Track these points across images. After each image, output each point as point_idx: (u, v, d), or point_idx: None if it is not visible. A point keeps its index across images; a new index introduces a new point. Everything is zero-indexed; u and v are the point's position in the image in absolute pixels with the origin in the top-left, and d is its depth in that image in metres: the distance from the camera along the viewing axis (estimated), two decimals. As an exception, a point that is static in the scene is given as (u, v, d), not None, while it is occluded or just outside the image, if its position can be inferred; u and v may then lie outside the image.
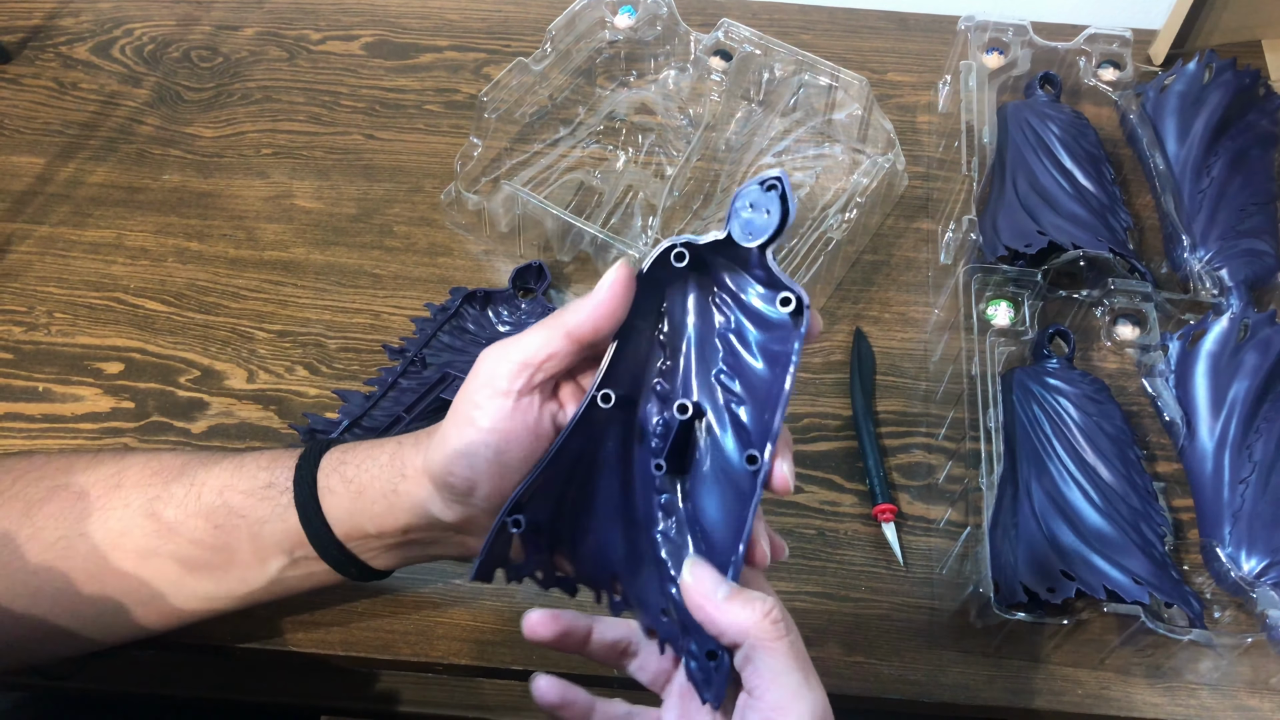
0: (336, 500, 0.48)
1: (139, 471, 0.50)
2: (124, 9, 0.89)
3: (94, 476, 0.50)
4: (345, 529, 0.49)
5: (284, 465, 0.49)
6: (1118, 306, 0.66)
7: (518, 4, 0.90)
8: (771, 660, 0.39)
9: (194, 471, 0.50)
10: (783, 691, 0.38)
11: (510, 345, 0.44)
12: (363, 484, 0.48)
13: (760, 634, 0.39)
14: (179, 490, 0.49)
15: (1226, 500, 0.61)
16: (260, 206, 0.76)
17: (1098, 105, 0.80)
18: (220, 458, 0.51)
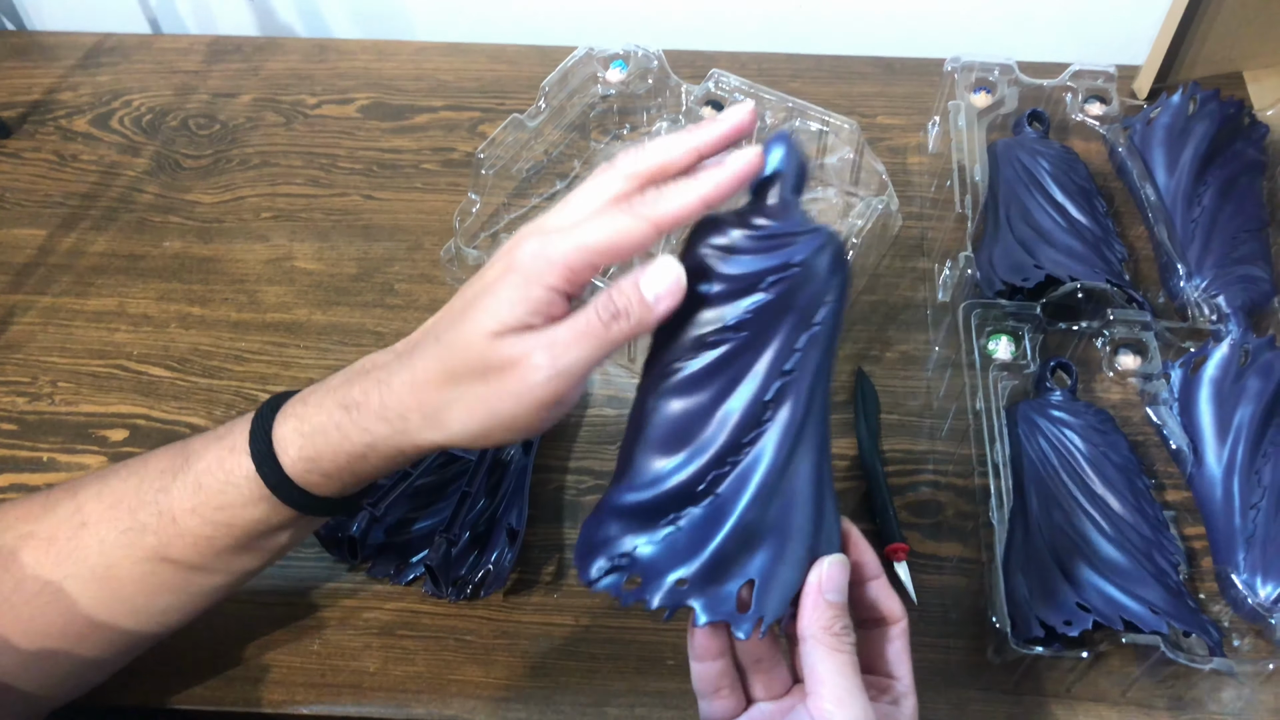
0: (326, 486, 0.48)
1: (95, 505, 0.49)
2: (122, 81, 0.90)
3: (55, 520, 0.49)
4: (347, 491, 0.49)
5: (247, 477, 0.47)
6: (1118, 337, 0.67)
7: (510, 63, 0.91)
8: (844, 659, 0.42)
9: (153, 499, 0.48)
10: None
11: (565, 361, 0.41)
12: (352, 471, 0.47)
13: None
14: (148, 519, 0.48)
15: (1238, 526, 0.60)
16: (261, 269, 0.77)
17: (1086, 140, 0.81)
18: (170, 475, 0.48)
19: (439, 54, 0.92)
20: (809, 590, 0.43)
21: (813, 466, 0.43)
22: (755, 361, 0.42)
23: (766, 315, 0.42)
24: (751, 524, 0.42)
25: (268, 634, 0.59)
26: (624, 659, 0.59)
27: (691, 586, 0.42)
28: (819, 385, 0.43)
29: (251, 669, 0.58)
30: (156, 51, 0.92)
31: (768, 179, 0.42)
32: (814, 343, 0.42)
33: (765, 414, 0.42)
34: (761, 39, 0.96)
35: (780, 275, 0.41)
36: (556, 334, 0.41)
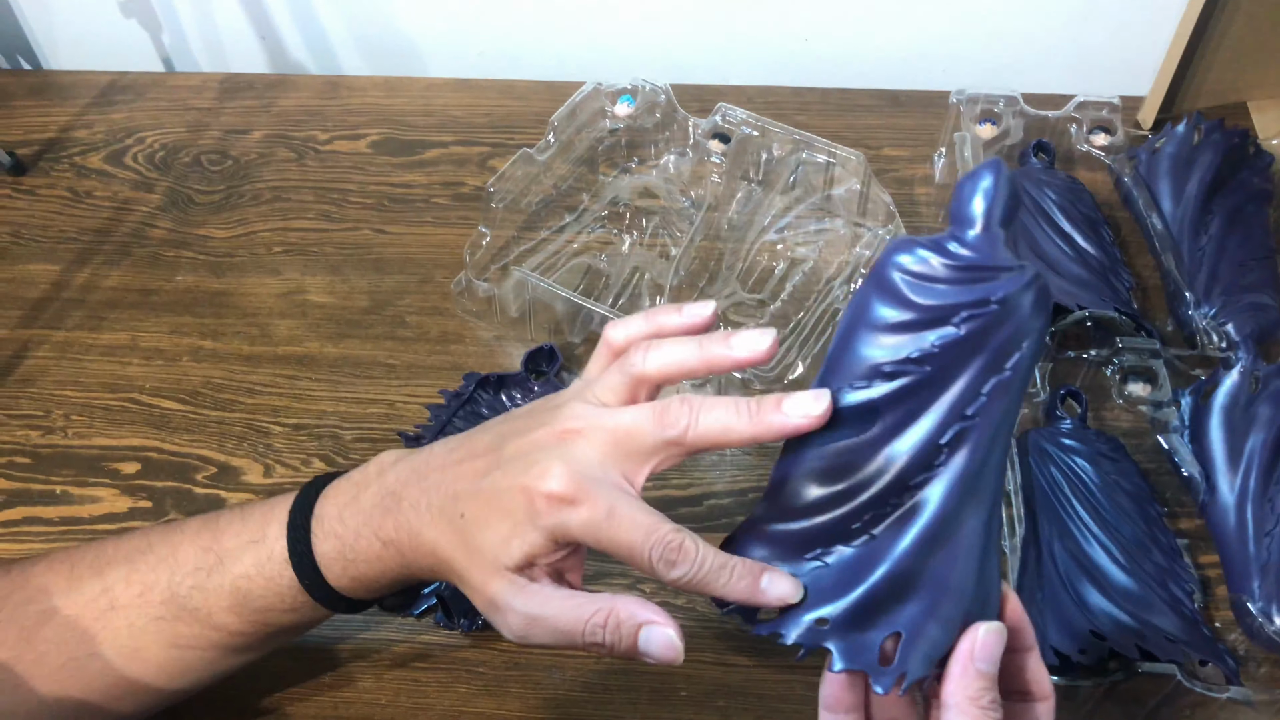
0: (370, 593, 0.50)
1: (124, 591, 0.49)
2: (135, 119, 0.91)
3: (82, 599, 0.50)
4: (372, 595, 0.50)
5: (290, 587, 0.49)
6: (1127, 365, 0.67)
7: (519, 98, 0.92)
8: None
9: (186, 595, 0.49)
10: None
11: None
12: (393, 579, 0.49)
13: None
14: (182, 614, 0.49)
15: (1253, 554, 0.60)
16: (273, 303, 0.77)
17: (1091, 170, 0.82)
18: (204, 573, 0.49)
19: (448, 90, 0.93)
20: (959, 655, 0.40)
21: (981, 523, 0.40)
22: (935, 400, 0.40)
23: (954, 352, 0.39)
24: (906, 573, 0.40)
25: (279, 667, 0.59)
26: (637, 690, 0.59)
27: (833, 628, 0.40)
28: (1000, 437, 0.40)
29: (265, 703, 0.58)
30: (169, 89, 0.94)
31: (971, 207, 0.39)
32: (1001, 389, 0.39)
33: (938, 458, 0.40)
34: (767, 73, 0.97)
35: (976, 311, 0.39)
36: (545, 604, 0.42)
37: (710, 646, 0.60)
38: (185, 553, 0.50)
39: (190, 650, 0.50)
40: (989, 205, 0.39)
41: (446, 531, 0.44)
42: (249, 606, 0.49)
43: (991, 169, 0.39)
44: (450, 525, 0.44)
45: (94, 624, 0.49)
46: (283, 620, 0.50)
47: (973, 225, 0.39)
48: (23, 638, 0.49)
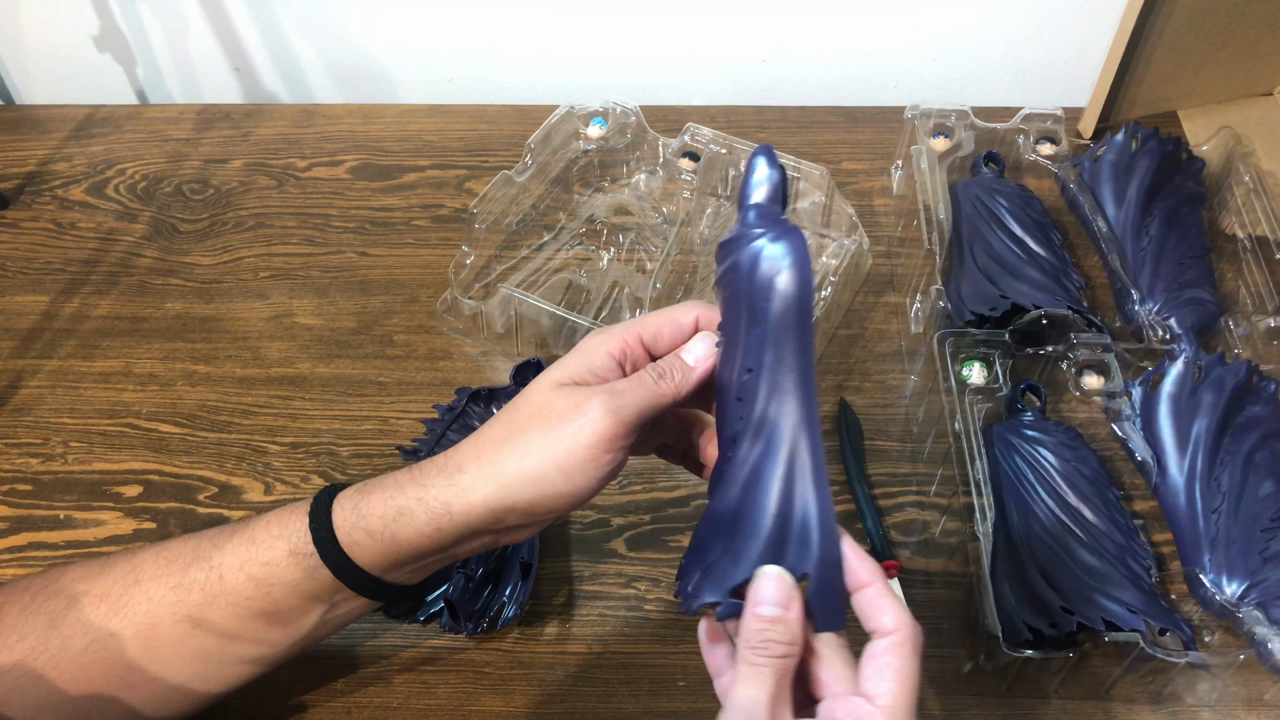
0: (367, 551, 0.49)
1: (153, 564, 0.51)
2: (114, 150, 0.93)
3: (111, 578, 0.51)
4: (381, 569, 0.50)
5: (295, 527, 0.50)
6: (1081, 359, 0.71)
7: (491, 122, 0.95)
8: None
9: (207, 554, 0.51)
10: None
11: (623, 402, 0.46)
12: (394, 533, 0.49)
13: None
14: (199, 575, 0.51)
15: (1203, 530, 0.65)
16: (263, 326, 0.80)
17: (1039, 178, 0.87)
18: (229, 534, 0.52)
19: (422, 115, 0.96)
20: (746, 603, 0.43)
21: (779, 469, 0.45)
22: (732, 362, 0.46)
23: (729, 316, 0.46)
24: (715, 515, 0.46)
25: (291, 673, 0.61)
26: (637, 682, 0.62)
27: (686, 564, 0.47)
28: (781, 384, 0.45)
29: (278, 708, 0.60)
30: (147, 121, 0.95)
31: (742, 191, 0.46)
32: (763, 341, 0.45)
33: (740, 412, 0.46)
34: (729, 93, 1.01)
35: (729, 278, 0.46)
36: (614, 385, 0.47)
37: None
38: (222, 526, 0.53)
39: (196, 629, 0.50)
40: (748, 190, 0.46)
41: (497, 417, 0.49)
42: (257, 559, 0.50)
43: (757, 154, 0.46)
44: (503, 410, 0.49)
45: (118, 600, 0.50)
46: (284, 581, 0.50)
47: (742, 206, 0.46)
48: (49, 625, 0.50)
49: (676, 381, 0.48)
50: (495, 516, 0.47)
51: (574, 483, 0.46)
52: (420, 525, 0.48)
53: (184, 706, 0.53)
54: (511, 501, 0.47)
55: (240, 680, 0.53)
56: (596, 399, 0.46)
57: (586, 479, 0.46)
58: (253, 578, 0.50)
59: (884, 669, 0.42)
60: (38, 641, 0.50)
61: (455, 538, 0.49)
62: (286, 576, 0.50)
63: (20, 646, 0.50)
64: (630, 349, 0.49)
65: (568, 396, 0.47)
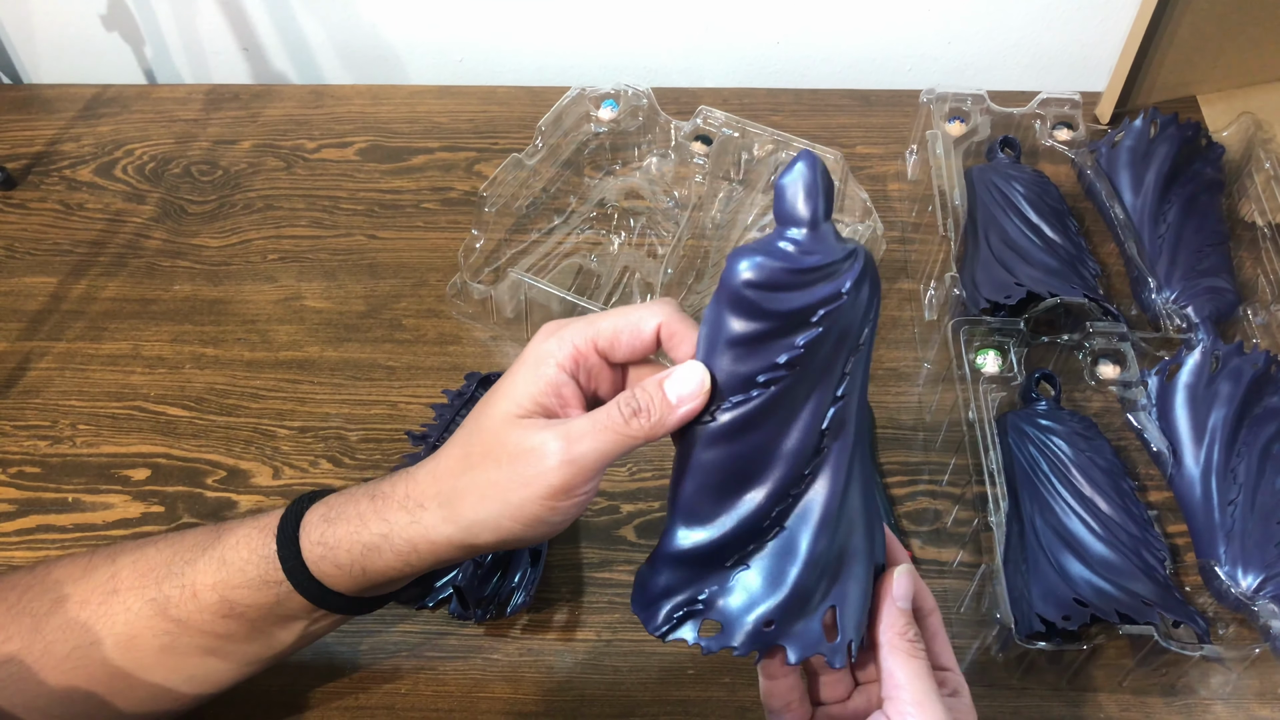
0: (339, 581, 0.49)
1: (130, 573, 0.51)
2: (123, 131, 0.92)
3: (90, 585, 0.51)
4: (357, 590, 0.49)
5: (265, 556, 0.49)
6: (1097, 348, 0.71)
7: (501, 104, 0.94)
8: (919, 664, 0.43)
9: (180, 570, 0.50)
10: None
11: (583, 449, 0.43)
12: (364, 567, 0.48)
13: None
14: (173, 592, 0.50)
15: (1218, 522, 0.64)
16: (271, 309, 0.79)
17: (1055, 164, 0.86)
18: (200, 549, 0.51)
19: (432, 97, 0.95)
20: (883, 599, 0.44)
21: (863, 483, 0.44)
22: (811, 392, 0.42)
23: (818, 347, 0.41)
24: (823, 552, 0.43)
25: (300, 660, 0.61)
26: (646, 670, 0.61)
27: (778, 626, 0.43)
28: (862, 402, 0.44)
29: (287, 694, 0.60)
30: (155, 101, 0.95)
31: (798, 209, 0.40)
32: (859, 362, 0.42)
33: (823, 441, 0.42)
34: (741, 75, 1.00)
35: (831, 306, 0.41)
36: (573, 425, 0.43)
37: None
38: (193, 536, 0.52)
39: (175, 643, 0.50)
40: (813, 202, 0.40)
41: (455, 440, 0.46)
42: (229, 582, 0.49)
43: (807, 164, 0.40)
44: (460, 433, 0.46)
45: (98, 609, 0.50)
46: (258, 603, 0.49)
47: (801, 225, 0.40)
48: (34, 627, 0.50)
49: (653, 423, 0.42)
50: (464, 552, 0.47)
51: (535, 530, 0.44)
52: (389, 560, 0.47)
53: (173, 706, 0.52)
54: (474, 543, 0.46)
55: (229, 684, 0.53)
56: (552, 445, 0.42)
57: (548, 525, 0.44)
58: (226, 599, 0.49)
59: (945, 643, 0.47)
60: (23, 643, 0.50)
61: (428, 568, 0.48)
62: (261, 600, 0.49)
63: (6, 647, 0.49)
64: (583, 358, 0.44)
65: (521, 434, 0.43)
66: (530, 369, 0.45)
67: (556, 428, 0.43)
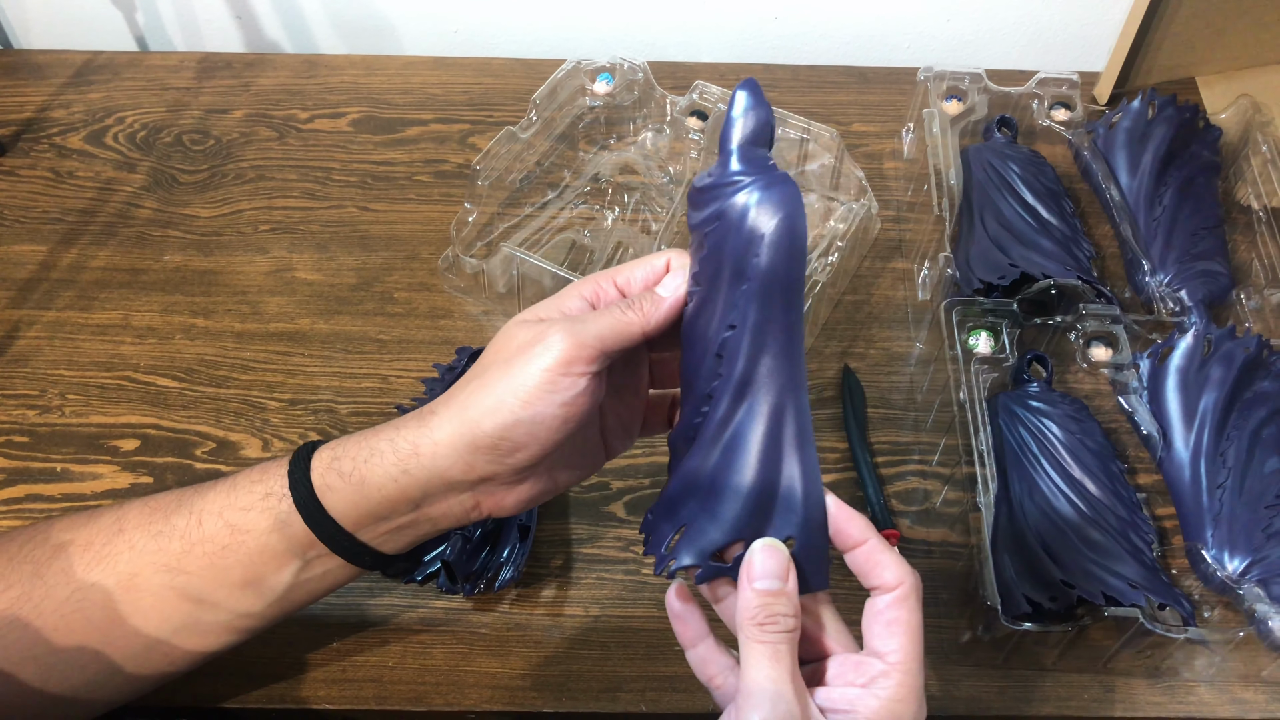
0: (338, 496, 0.48)
1: (138, 513, 0.51)
2: (114, 98, 0.91)
3: (96, 527, 0.51)
4: (353, 520, 0.48)
5: (276, 474, 0.49)
6: (1089, 330, 0.70)
7: (496, 76, 0.94)
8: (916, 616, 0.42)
9: (190, 501, 0.51)
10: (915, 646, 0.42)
11: (584, 328, 0.45)
12: (363, 475, 0.47)
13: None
14: (179, 521, 0.50)
15: (1206, 505, 0.64)
16: (262, 281, 0.79)
17: (1052, 144, 0.85)
18: (214, 483, 0.51)
19: (426, 68, 0.94)
20: (740, 578, 0.43)
21: (766, 427, 0.43)
22: (709, 315, 0.44)
23: (709, 269, 0.43)
24: (692, 473, 0.44)
25: (288, 631, 0.61)
26: (633, 646, 0.62)
27: (653, 519, 0.46)
28: (768, 344, 0.43)
29: (274, 666, 0.60)
30: (147, 69, 0.94)
31: (723, 131, 0.43)
32: (749, 298, 0.42)
33: (719, 368, 0.44)
34: (738, 50, 0.99)
35: (709, 227, 0.43)
36: (578, 315, 0.46)
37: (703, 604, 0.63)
38: (205, 482, 0.52)
39: (174, 581, 0.49)
40: (726, 131, 0.43)
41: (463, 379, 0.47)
42: (235, 505, 0.49)
43: (741, 88, 0.43)
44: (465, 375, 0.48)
45: (102, 549, 0.50)
46: (258, 529, 0.49)
47: (724, 148, 0.43)
48: (35, 573, 0.50)
49: (645, 311, 0.46)
50: (462, 458, 0.46)
51: (532, 409, 0.44)
52: (388, 467, 0.47)
53: (163, 665, 0.52)
54: (473, 435, 0.45)
55: (220, 644, 0.52)
56: (556, 326, 0.45)
57: (545, 404, 0.44)
58: (229, 524, 0.49)
59: (892, 625, 0.43)
60: (22, 590, 0.50)
61: (423, 485, 0.47)
62: (261, 523, 0.49)
63: (5, 595, 0.49)
64: (603, 292, 0.48)
65: (529, 330, 0.46)
66: (553, 298, 0.48)
67: (563, 319, 0.46)
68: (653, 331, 0.46)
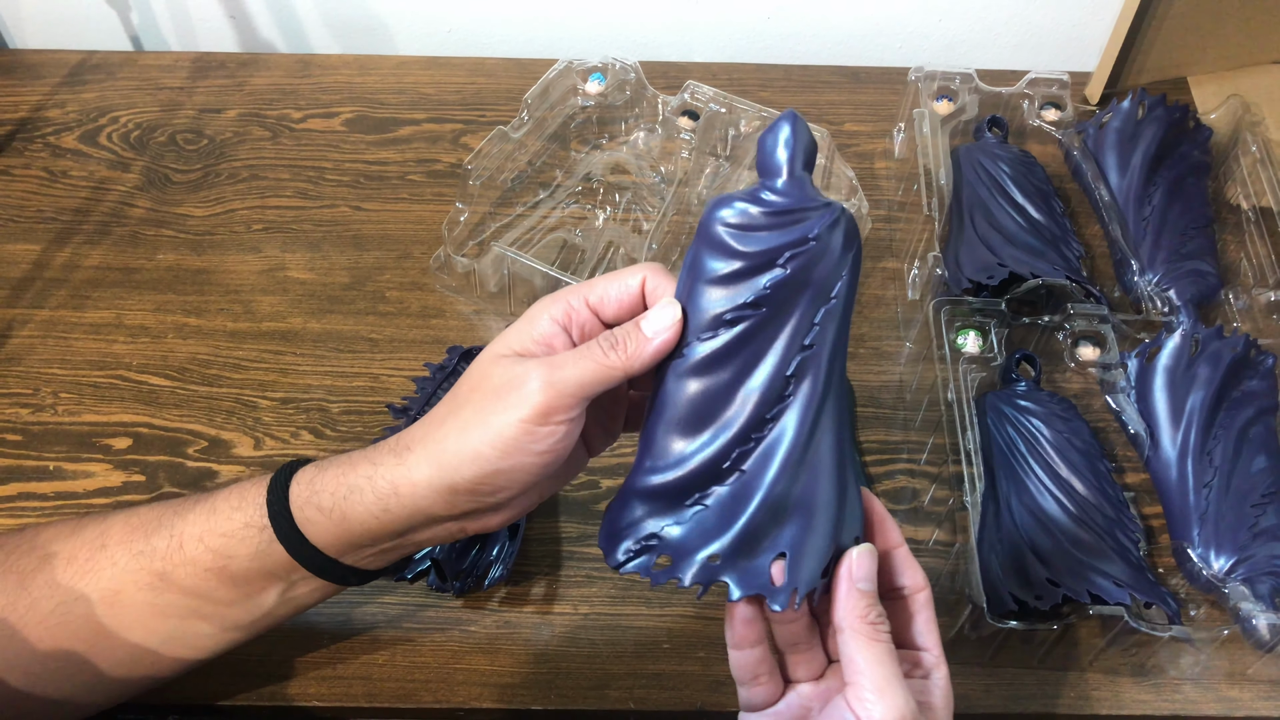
0: (319, 529, 0.48)
1: (120, 529, 0.51)
2: (108, 98, 0.92)
3: (80, 541, 0.51)
4: (337, 549, 0.49)
5: (253, 500, 0.49)
6: (1078, 329, 0.71)
7: (489, 75, 0.94)
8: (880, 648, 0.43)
9: (170, 523, 0.50)
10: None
11: (562, 375, 0.44)
12: (344, 512, 0.47)
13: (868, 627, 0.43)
14: (160, 543, 0.50)
15: (1193, 504, 0.65)
16: (255, 280, 0.79)
17: (1042, 144, 0.86)
18: (193, 502, 0.51)
19: (419, 67, 0.95)
20: (840, 580, 0.43)
21: (834, 439, 0.44)
22: (776, 337, 0.43)
23: (785, 291, 0.43)
24: (779, 498, 0.43)
25: (277, 630, 0.61)
26: (622, 644, 0.62)
27: (724, 562, 0.43)
28: (837, 359, 0.44)
29: (263, 664, 0.61)
30: (141, 68, 0.94)
31: (776, 158, 0.42)
32: (830, 317, 0.43)
33: (787, 389, 0.43)
34: (730, 50, 1.00)
35: (797, 250, 0.42)
36: (555, 356, 0.45)
37: (690, 602, 0.64)
38: (190, 495, 0.52)
39: (158, 599, 0.50)
40: (791, 153, 0.42)
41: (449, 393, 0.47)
42: (215, 530, 0.49)
43: (788, 120, 0.42)
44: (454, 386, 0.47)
45: (85, 564, 0.50)
46: (241, 553, 0.49)
47: (779, 174, 0.42)
48: (20, 584, 0.50)
49: (629, 354, 0.44)
50: (442, 499, 0.45)
51: (511, 460, 0.44)
52: (369, 505, 0.47)
53: (152, 672, 0.52)
54: (452, 481, 0.45)
55: (208, 652, 0.53)
56: (533, 371, 0.44)
57: (524, 456, 0.44)
58: (210, 549, 0.49)
59: (929, 622, 0.46)
60: (7, 600, 0.50)
61: (406, 521, 0.47)
62: (242, 550, 0.49)
63: None
64: (575, 313, 0.46)
65: (506, 369, 0.44)
66: (524, 321, 0.46)
67: (539, 359, 0.45)
68: (637, 373, 0.44)
